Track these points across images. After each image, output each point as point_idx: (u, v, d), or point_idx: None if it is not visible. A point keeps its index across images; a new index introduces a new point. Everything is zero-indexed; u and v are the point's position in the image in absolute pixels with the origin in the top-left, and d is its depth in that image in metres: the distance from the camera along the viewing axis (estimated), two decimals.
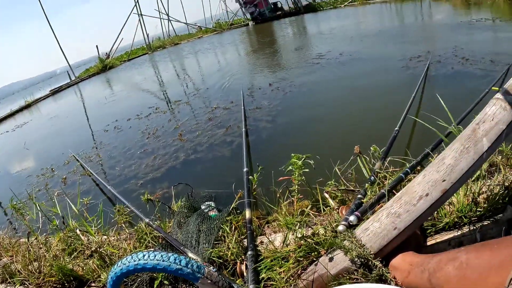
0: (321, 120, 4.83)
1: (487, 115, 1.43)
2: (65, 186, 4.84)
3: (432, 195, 1.42)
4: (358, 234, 1.54)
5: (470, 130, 1.45)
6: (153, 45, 28.23)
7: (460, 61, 5.76)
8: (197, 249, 2.03)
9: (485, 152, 1.39)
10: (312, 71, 7.62)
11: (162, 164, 4.51)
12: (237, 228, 2.14)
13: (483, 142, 1.40)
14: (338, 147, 3.70)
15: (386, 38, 10.01)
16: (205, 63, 13.84)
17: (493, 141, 1.38)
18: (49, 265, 2.31)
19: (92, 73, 23.13)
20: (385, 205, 1.56)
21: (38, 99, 18.65)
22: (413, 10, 16.27)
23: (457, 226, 1.75)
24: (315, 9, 27.49)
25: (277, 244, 1.92)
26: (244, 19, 31.87)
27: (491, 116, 1.41)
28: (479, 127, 1.43)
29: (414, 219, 1.43)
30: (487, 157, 1.43)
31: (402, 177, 2.05)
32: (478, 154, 1.39)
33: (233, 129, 5.06)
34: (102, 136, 6.83)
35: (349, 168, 2.58)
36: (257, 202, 2.82)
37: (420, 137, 3.46)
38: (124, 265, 1.56)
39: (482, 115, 1.45)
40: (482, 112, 1.46)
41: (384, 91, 5.34)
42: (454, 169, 1.41)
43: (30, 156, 7.47)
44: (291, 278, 1.65)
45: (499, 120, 1.39)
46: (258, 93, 6.73)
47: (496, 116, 1.40)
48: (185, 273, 1.55)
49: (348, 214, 1.79)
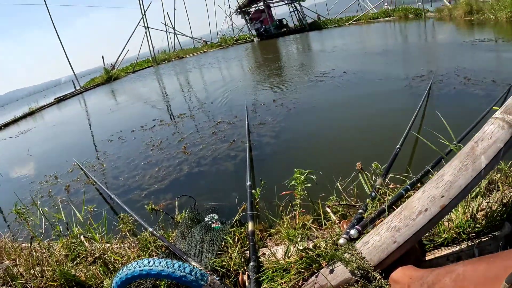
0: (324, 137, 4.88)
1: (485, 133, 1.48)
2: (68, 194, 4.86)
3: (431, 210, 1.45)
4: (359, 247, 1.57)
5: (469, 148, 1.50)
6: (158, 58, 28.44)
7: (462, 81, 5.83)
8: (200, 258, 2.06)
9: (483, 170, 1.44)
10: (316, 89, 7.70)
11: (166, 176, 4.55)
12: (240, 240, 2.17)
13: (481, 160, 1.44)
14: (340, 163, 3.74)
15: (390, 57, 10.11)
16: (209, 78, 13.95)
17: (491, 158, 1.42)
18: (52, 269, 2.33)
19: (97, 83, 23.26)
20: (385, 219, 1.60)
21: (43, 106, 18.72)
22: (416, 30, 16.44)
23: (455, 241, 1.79)
24: (320, 27, 27.81)
25: (278, 256, 1.95)
26: (249, 35, 32.19)
27: (489, 135, 1.46)
28: (478, 145, 1.47)
29: (413, 233, 1.46)
30: (485, 174, 1.47)
31: (402, 193, 2.10)
32: (476, 171, 1.44)
33: (237, 144, 5.10)
34: (106, 146, 6.86)
35: (350, 184, 2.63)
36: (259, 216, 2.85)
37: (421, 155, 3.50)
38: (129, 270, 1.59)
39: (481, 134, 1.49)
40: (481, 131, 1.50)
41: (387, 110, 5.41)
42: (452, 186, 1.45)
43: (33, 163, 7.50)
44: None
45: (497, 138, 1.43)
46: (262, 109, 6.79)
47: (494, 135, 1.45)
48: (189, 280, 1.58)
49: (349, 228, 1.83)
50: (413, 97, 5.50)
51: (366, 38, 17.11)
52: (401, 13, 23.42)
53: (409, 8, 24.14)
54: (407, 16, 22.62)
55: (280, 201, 2.57)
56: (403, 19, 22.24)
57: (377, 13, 27.28)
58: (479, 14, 14.97)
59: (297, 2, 31.24)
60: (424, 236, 1.81)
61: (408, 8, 24.56)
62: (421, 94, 5.22)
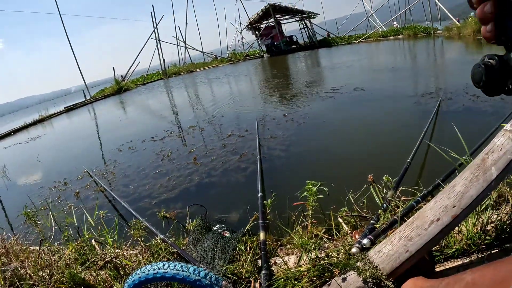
0: (334, 151, 4.90)
1: (496, 145, 1.51)
2: (77, 200, 4.90)
3: (443, 220, 1.48)
4: (371, 256, 1.59)
5: (479, 159, 1.53)
6: (168, 71, 28.72)
7: (471, 98, 5.86)
8: (212, 265, 2.09)
9: (494, 180, 1.46)
10: (326, 104, 7.75)
11: (176, 186, 4.58)
12: (251, 248, 2.20)
13: (491, 171, 1.47)
14: (350, 176, 3.75)
15: (399, 74, 10.16)
16: (219, 92, 14.07)
17: (501, 170, 1.45)
18: (61, 272, 2.35)
19: (107, 94, 23.58)
20: (398, 229, 1.62)
21: (52, 114, 19.04)
22: (425, 47, 16.50)
23: (466, 253, 1.81)
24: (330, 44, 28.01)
25: (290, 265, 1.97)
26: (259, 50, 32.44)
27: (500, 147, 1.49)
28: (488, 157, 1.50)
29: (425, 243, 1.48)
30: (495, 185, 1.50)
31: (413, 205, 2.12)
32: (487, 182, 1.46)
33: (248, 156, 5.14)
34: (116, 155, 6.94)
35: (361, 197, 2.65)
36: (270, 227, 2.87)
37: (431, 169, 3.52)
38: (144, 273, 1.61)
39: (491, 146, 1.52)
40: (491, 143, 1.54)
41: (396, 125, 5.44)
42: (464, 196, 1.48)
43: (42, 169, 7.59)
44: None
45: (507, 150, 1.47)
46: (273, 123, 6.84)
47: (504, 147, 1.48)
48: (204, 284, 1.60)
49: (361, 238, 1.85)
50: (422, 114, 5.53)
51: (375, 56, 17.19)
52: (410, 31, 23.53)
53: (418, 27, 24.27)
54: (416, 35, 22.72)
55: (292, 211, 2.60)
56: (412, 38, 22.34)
57: (387, 31, 27.46)
58: None
59: (307, 20, 31.54)
60: (435, 248, 1.83)
61: (417, 26, 24.70)
62: (430, 110, 5.27)
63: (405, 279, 1.50)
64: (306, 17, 31.62)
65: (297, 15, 32.13)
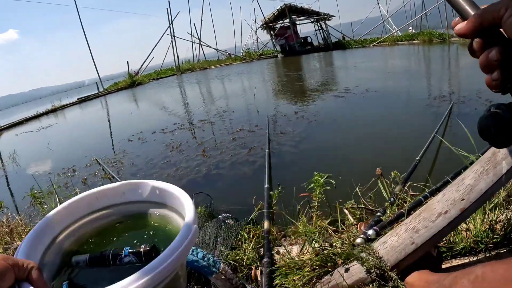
0: (343, 148, 4.90)
1: None
2: (85, 186, 4.95)
3: (451, 213, 1.45)
4: (376, 247, 1.58)
5: (490, 153, 1.50)
6: (182, 67, 28.76)
7: (484, 102, 5.79)
8: (214, 250, 2.08)
9: (504, 175, 1.43)
10: (338, 104, 7.73)
11: (184, 176, 4.60)
12: (255, 236, 2.18)
13: (502, 165, 1.44)
14: (359, 172, 3.73)
15: (412, 78, 10.08)
16: (232, 89, 14.09)
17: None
18: None
19: (120, 87, 23.66)
20: (404, 221, 1.60)
21: (65, 105, 19.17)
22: (440, 53, 16.34)
23: (473, 252, 1.78)
24: (344, 46, 27.86)
25: (293, 254, 1.95)
26: (273, 50, 32.37)
27: None
28: (499, 151, 1.47)
29: (432, 235, 1.46)
30: (506, 181, 1.47)
31: (421, 200, 2.09)
32: (497, 176, 1.43)
33: (257, 151, 5.13)
34: (126, 145, 6.97)
35: (369, 191, 2.63)
36: (275, 218, 2.86)
37: (441, 168, 3.49)
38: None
39: None
40: None
41: (407, 126, 5.42)
42: (473, 189, 1.45)
43: (52, 156, 7.67)
44: (306, 286, 1.68)
45: None
46: (283, 120, 6.83)
47: None
48: (201, 265, 1.59)
49: (367, 229, 1.83)
50: (434, 116, 5.50)
51: (389, 59, 17.08)
52: (425, 37, 23.29)
53: (434, 33, 24.01)
54: (431, 40, 22.49)
55: (298, 202, 2.59)
56: (427, 43, 22.13)
57: (402, 36, 27.22)
58: None
59: (322, 21, 31.41)
60: (441, 244, 1.81)
61: (432, 32, 24.43)
62: (442, 113, 5.22)
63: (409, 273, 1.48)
64: (321, 19, 31.43)
65: (312, 16, 31.96)
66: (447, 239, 1.82)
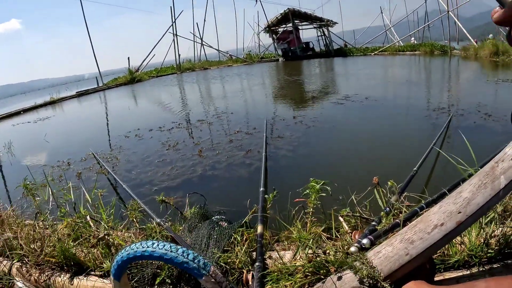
0: (341, 155, 4.89)
1: (506, 154, 1.46)
2: (79, 180, 4.92)
3: (447, 225, 1.44)
4: (370, 256, 1.56)
5: (489, 167, 1.48)
6: (183, 66, 28.78)
7: (483, 116, 5.80)
8: (205, 252, 2.05)
9: (502, 190, 1.42)
10: (337, 110, 7.74)
11: (179, 175, 4.57)
12: (247, 240, 2.16)
13: (500, 180, 1.42)
14: (355, 180, 3.72)
15: (412, 88, 10.13)
16: (231, 90, 14.09)
17: (510, 179, 1.40)
18: (52, 245, 2.34)
19: (120, 83, 23.71)
20: (400, 231, 1.58)
21: (64, 97, 19.18)
22: (441, 65, 16.42)
23: (466, 265, 1.77)
24: (345, 54, 27.96)
25: (286, 260, 1.93)
26: (275, 54, 32.46)
27: (510, 156, 1.44)
28: (498, 165, 1.46)
29: (427, 247, 1.44)
30: (503, 195, 1.45)
31: (417, 211, 2.08)
32: (495, 191, 1.42)
33: (253, 153, 5.12)
34: (123, 141, 6.96)
35: (364, 200, 2.61)
36: (269, 222, 2.84)
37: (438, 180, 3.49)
38: (132, 250, 1.57)
39: (502, 155, 1.48)
40: (502, 152, 1.49)
41: (405, 136, 5.43)
42: (470, 203, 1.44)
43: (48, 148, 7.64)
44: None
45: None
46: (281, 124, 6.81)
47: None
48: (191, 267, 1.56)
49: (361, 238, 1.81)
50: (432, 127, 5.52)
51: (390, 69, 17.12)
52: (427, 48, 23.37)
53: (436, 44, 24.11)
54: (432, 52, 22.58)
55: (293, 208, 2.57)
56: (428, 54, 22.22)
57: (404, 46, 27.31)
58: (505, 56, 14.90)
59: (325, 28, 31.50)
60: (435, 256, 1.79)
61: (434, 44, 24.53)
62: (441, 125, 5.24)
63: (402, 284, 1.47)
64: (324, 25, 31.55)
65: (315, 22, 32.08)
66: (441, 251, 1.81)
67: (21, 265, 2.38)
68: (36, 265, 2.35)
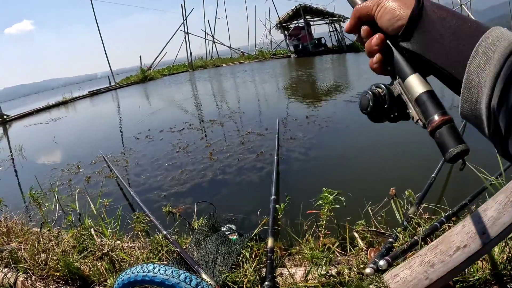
0: (356, 159, 4.72)
1: None
2: (88, 184, 4.90)
3: (470, 248, 1.33)
4: (387, 280, 1.46)
5: None
6: (195, 64, 28.79)
7: None
8: (212, 270, 1.96)
9: None
10: (351, 109, 7.54)
11: (189, 180, 4.50)
12: (257, 256, 2.06)
13: None
14: (370, 188, 3.55)
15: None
16: (243, 88, 13.99)
17: None
18: (57, 259, 2.30)
19: (132, 82, 23.86)
20: (419, 252, 1.48)
21: (76, 97, 19.39)
22: None
23: (488, 283, 1.65)
24: (358, 49, 27.58)
25: (297, 278, 1.83)
26: (287, 50, 32.25)
27: None
28: None
29: (449, 271, 1.35)
30: None
31: (437, 226, 1.96)
32: None
33: (265, 156, 5.01)
34: (133, 143, 6.93)
35: (380, 211, 2.49)
36: (280, 232, 2.74)
37: (457, 187, 3.35)
38: (133, 274, 1.53)
39: None
40: None
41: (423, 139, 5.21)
42: (496, 222, 1.33)
43: (58, 150, 7.70)
44: None
45: None
46: (294, 124, 6.68)
47: None
48: None
49: (378, 258, 1.70)
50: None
51: None
52: None
53: None
54: None
55: (305, 219, 2.46)
56: None
57: None
58: None
59: (337, 23, 31.19)
60: None
61: None
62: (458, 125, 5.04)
63: None
64: (336, 21, 31.19)
65: (327, 17, 31.75)
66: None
67: (26, 277, 2.34)
68: (40, 278, 2.32)
